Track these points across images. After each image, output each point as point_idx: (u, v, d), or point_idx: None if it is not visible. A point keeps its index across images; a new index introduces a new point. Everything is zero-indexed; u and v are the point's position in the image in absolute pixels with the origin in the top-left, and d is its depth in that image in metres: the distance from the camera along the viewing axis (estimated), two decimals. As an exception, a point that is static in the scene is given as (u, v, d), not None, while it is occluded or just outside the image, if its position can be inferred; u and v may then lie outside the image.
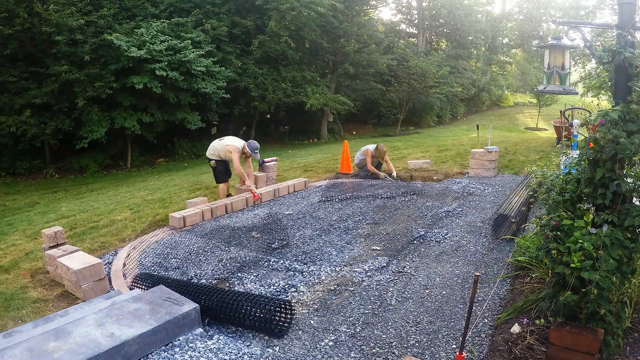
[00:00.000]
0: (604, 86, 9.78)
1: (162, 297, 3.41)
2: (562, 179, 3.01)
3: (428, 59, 23.45)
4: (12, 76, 12.81)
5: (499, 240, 4.99)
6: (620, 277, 2.63)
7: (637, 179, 2.64)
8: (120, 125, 13.62)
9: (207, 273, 4.34)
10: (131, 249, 5.11)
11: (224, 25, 16.45)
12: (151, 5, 16.12)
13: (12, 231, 6.68)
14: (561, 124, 10.32)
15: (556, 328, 2.63)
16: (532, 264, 3.75)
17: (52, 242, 4.51)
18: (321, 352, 3.06)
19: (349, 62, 19.95)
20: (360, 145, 15.29)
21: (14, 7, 12.41)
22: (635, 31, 2.72)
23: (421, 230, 5.45)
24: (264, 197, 7.18)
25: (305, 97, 17.69)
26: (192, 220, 6.02)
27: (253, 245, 5.11)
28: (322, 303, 3.73)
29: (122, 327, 3.01)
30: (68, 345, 2.81)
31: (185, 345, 3.09)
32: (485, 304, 3.59)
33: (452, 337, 3.19)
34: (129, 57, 12.78)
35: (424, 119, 25.10)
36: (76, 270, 3.90)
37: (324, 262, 4.56)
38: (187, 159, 16.60)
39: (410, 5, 30.80)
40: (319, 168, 10.04)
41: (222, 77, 15.26)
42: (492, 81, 31.92)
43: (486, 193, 7.15)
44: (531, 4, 32.29)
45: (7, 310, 3.77)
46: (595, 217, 2.74)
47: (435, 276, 4.19)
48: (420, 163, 9.41)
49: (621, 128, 2.55)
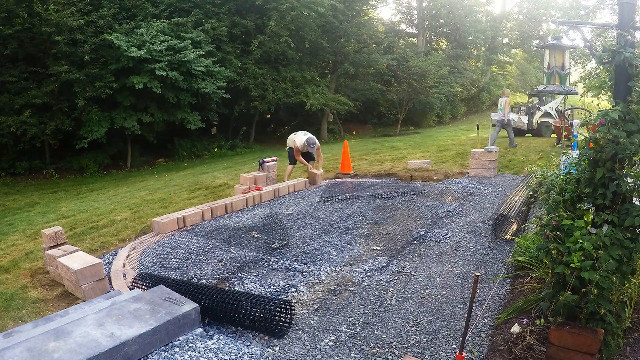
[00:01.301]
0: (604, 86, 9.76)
1: (162, 297, 3.41)
2: (562, 179, 3.01)
3: (428, 59, 23.46)
4: (12, 76, 12.81)
5: (499, 240, 4.99)
6: (620, 277, 2.63)
7: (637, 179, 2.64)
8: (120, 125, 13.62)
9: (207, 273, 4.34)
10: (131, 249, 5.11)
11: (224, 25, 16.45)
12: (151, 5, 16.11)
13: (12, 231, 6.68)
14: (561, 124, 10.33)
15: (556, 328, 2.63)
16: (532, 264, 3.75)
17: (52, 242, 4.51)
18: (321, 352, 3.06)
19: (349, 62, 19.95)
20: (360, 145, 15.31)
21: (14, 7, 12.42)
22: (635, 31, 2.72)
23: (421, 230, 5.45)
24: (263, 197, 7.18)
25: (305, 97, 17.69)
26: (192, 220, 6.03)
27: (253, 245, 5.11)
28: (322, 303, 3.73)
29: (122, 327, 3.01)
30: (68, 345, 2.81)
31: (185, 345, 3.09)
32: (485, 304, 3.59)
33: (452, 337, 3.19)
34: (129, 57, 12.79)
35: (424, 119, 25.11)
36: (76, 270, 3.90)
37: (324, 262, 4.56)
38: (187, 159, 16.60)
39: (410, 5, 30.84)
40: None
41: (222, 77, 15.26)
42: (492, 81, 31.92)
43: (486, 193, 7.15)
44: (531, 4, 32.31)
45: (7, 310, 3.77)
46: (595, 217, 2.74)
47: (435, 276, 4.19)
48: (420, 163, 9.41)
49: (621, 128, 2.55)
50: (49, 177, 13.74)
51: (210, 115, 16.94)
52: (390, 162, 10.40)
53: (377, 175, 9.01)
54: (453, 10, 27.49)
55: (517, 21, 33.55)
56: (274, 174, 8.48)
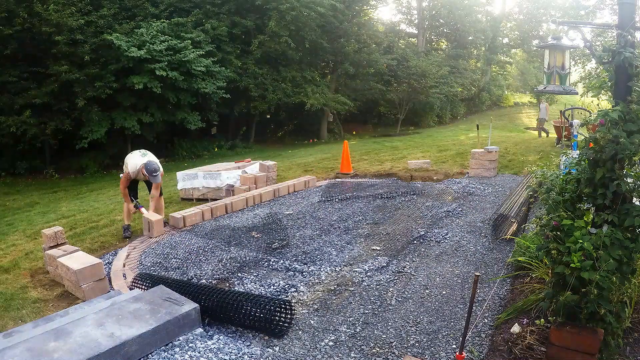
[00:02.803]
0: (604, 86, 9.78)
1: (162, 297, 3.41)
2: (562, 179, 3.01)
3: (428, 59, 23.47)
4: (12, 76, 12.82)
5: (499, 240, 4.99)
6: (620, 277, 2.62)
7: (637, 179, 2.63)
8: (120, 125, 13.63)
9: (207, 273, 4.34)
10: (131, 249, 5.11)
11: (224, 25, 16.46)
12: (151, 5, 16.12)
13: (12, 231, 6.68)
14: (561, 124, 10.32)
15: (556, 328, 2.62)
16: (532, 264, 3.75)
17: (52, 242, 4.51)
18: (321, 352, 3.06)
19: (349, 62, 19.95)
20: (360, 145, 15.31)
21: (14, 7, 12.42)
22: (635, 31, 2.71)
23: (421, 230, 5.45)
24: (264, 197, 7.18)
25: (305, 97, 17.70)
26: (192, 220, 6.03)
27: (253, 245, 5.11)
28: (322, 303, 3.73)
29: (122, 327, 3.01)
30: (68, 345, 2.81)
31: (185, 345, 3.09)
32: (485, 304, 3.59)
33: (452, 337, 3.19)
34: (129, 57, 12.79)
35: (424, 119, 25.10)
36: (76, 270, 3.90)
37: (324, 262, 4.56)
38: (187, 159, 16.60)
39: (410, 5, 30.84)
40: (318, 168, 10.05)
41: (222, 77, 15.27)
42: (492, 81, 31.93)
43: (486, 193, 7.15)
44: (531, 4, 32.29)
45: (7, 310, 3.77)
46: (595, 217, 2.74)
47: (435, 276, 4.19)
48: (420, 163, 9.41)
49: (621, 128, 2.54)
50: (49, 177, 13.74)
51: (210, 115, 16.95)
52: (390, 162, 10.40)
53: (377, 175, 9.01)
54: (453, 10, 27.49)
55: (517, 21, 33.53)
56: (274, 174, 8.48)
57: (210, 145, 17.77)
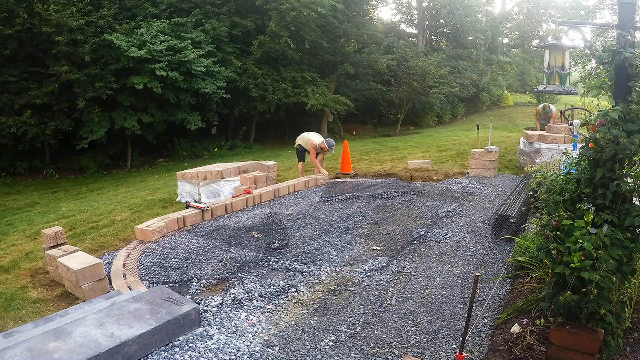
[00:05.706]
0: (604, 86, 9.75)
1: (162, 297, 3.41)
2: (562, 179, 3.01)
3: (428, 59, 23.45)
4: (12, 76, 12.82)
5: (499, 240, 4.99)
6: (620, 277, 2.63)
7: (637, 179, 2.64)
8: (120, 125, 13.62)
9: (207, 273, 4.34)
10: (131, 249, 5.11)
11: (224, 26, 16.46)
12: (151, 5, 16.12)
13: (12, 231, 6.68)
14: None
15: (556, 328, 2.63)
16: (532, 264, 3.75)
17: (52, 242, 4.51)
18: (321, 352, 3.06)
19: (349, 62, 19.94)
20: (360, 145, 15.30)
21: (14, 7, 12.42)
22: (635, 31, 2.72)
23: (421, 230, 5.45)
24: (263, 197, 7.18)
25: (306, 98, 17.68)
26: (192, 220, 6.02)
27: (253, 245, 5.11)
28: (322, 303, 3.73)
29: (122, 327, 3.01)
30: (68, 345, 2.81)
31: (185, 345, 3.10)
32: (485, 304, 3.59)
33: (452, 337, 3.19)
34: (129, 57, 12.79)
35: (424, 119, 25.09)
36: (76, 270, 3.90)
37: (324, 262, 4.56)
38: (187, 159, 16.60)
39: (410, 5, 30.84)
40: (319, 168, 10.03)
41: (222, 77, 15.27)
42: (492, 81, 31.91)
43: (486, 193, 7.15)
44: (531, 4, 32.31)
45: (7, 310, 3.77)
46: (595, 217, 2.74)
47: (435, 276, 4.19)
48: (420, 163, 9.41)
49: (621, 128, 2.55)
50: (49, 177, 13.74)
51: (210, 115, 16.94)
52: (390, 162, 10.41)
53: (377, 175, 9.01)
54: (453, 10, 27.47)
55: (517, 21, 33.55)
56: (274, 174, 8.47)
57: (210, 145, 17.76)
